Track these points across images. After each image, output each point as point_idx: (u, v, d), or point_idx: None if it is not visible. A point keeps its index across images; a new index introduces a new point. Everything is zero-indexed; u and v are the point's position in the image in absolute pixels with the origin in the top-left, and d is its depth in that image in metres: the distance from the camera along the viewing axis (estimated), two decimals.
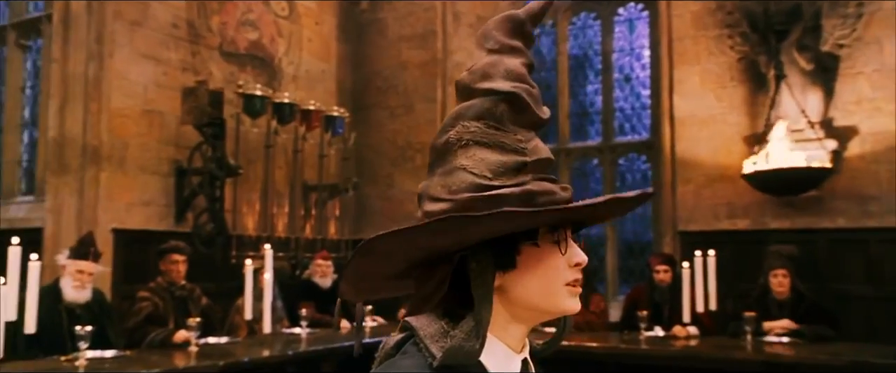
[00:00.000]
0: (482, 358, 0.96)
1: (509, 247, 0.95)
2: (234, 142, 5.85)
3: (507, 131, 0.95)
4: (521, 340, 1.01)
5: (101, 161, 5.33)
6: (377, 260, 0.96)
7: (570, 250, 0.97)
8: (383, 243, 0.92)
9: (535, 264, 0.96)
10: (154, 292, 4.42)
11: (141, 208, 5.58)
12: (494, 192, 0.91)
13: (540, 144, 0.96)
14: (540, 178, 0.94)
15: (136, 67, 5.60)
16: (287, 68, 6.97)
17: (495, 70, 0.97)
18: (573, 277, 0.97)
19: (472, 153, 0.94)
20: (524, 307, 0.98)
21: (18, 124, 6.09)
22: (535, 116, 0.98)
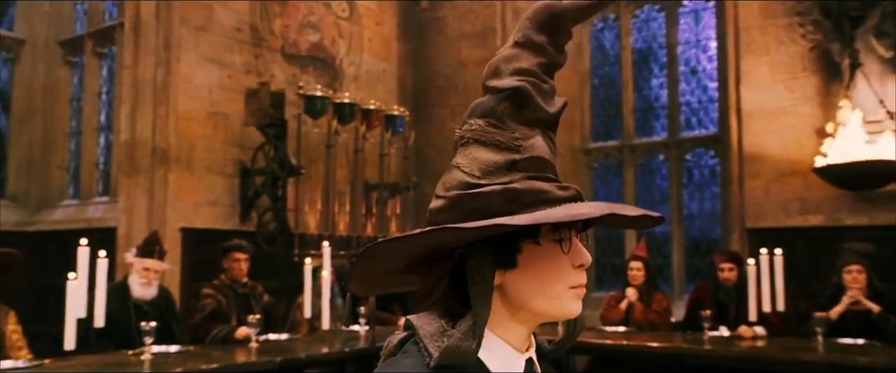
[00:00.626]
0: (484, 358, 0.95)
1: (510, 245, 0.95)
2: (295, 142, 5.98)
3: (505, 129, 0.94)
4: (526, 339, 1.00)
5: (169, 162, 5.54)
6: (379, 260, 0.97)
7: (574, 251, 0.96)
8: (382, 247, 0.94)
9: (537, 264, 0.94)
10: (217, 290, 4.56)
11: (207, 208, 5.76)
12: (477, 190, 0.91)
13: (538, 142, 0.94)
14: (532, 176, 0.93)
15: (202, 71, 5.79)
16: (348, 69, 7.08)
17: (507, 67, 0.97)
18: (576, 280, 0.95)
19: (469, 151, 0.95)
20: (524, 307, 0.97)
21: (96, 128, 6.39)
22: (541, 111, 0.96)
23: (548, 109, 0.96)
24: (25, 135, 6.41)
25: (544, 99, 0.96)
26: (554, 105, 0.98)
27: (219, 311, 4.46)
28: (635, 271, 5.13)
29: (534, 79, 0.96)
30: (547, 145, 0.96)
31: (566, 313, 0.97)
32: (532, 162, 0.94)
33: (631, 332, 4.91)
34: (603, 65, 7.55)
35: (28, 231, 6.23)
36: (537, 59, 0.98)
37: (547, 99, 0.97)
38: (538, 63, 0.97)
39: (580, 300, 0.98)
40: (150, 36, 5.60)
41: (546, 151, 0.95)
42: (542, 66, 0.97)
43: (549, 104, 0.97)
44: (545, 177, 0.95)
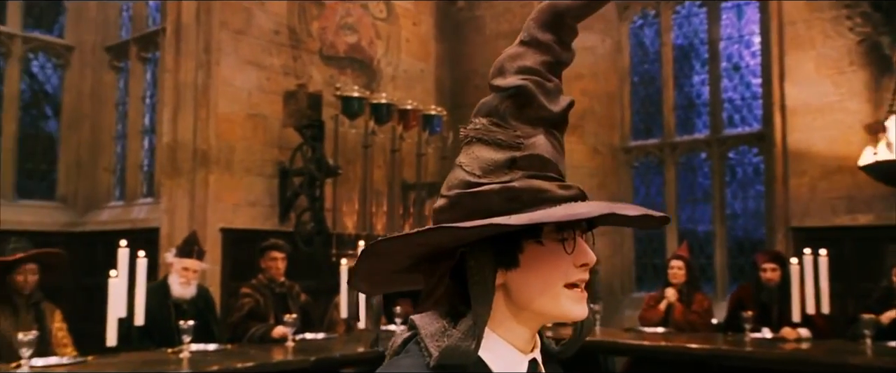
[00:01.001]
0: (486, 358, 0.95)
1: (512, 244, 0.94)
2: (333, 143, 6.04)
3: (507, 128, 0.94)
4: (529, 340, 0.99)
5: (209, 164, 5.64)
6: (381, 259, 0.97)
7: (578, 250, 0.94)
8: (383, 246, 0.93)
9: (538, 263, 0.93)
10: (255, 289, 4.62)
11: (247, 208, 5.85)
12: (476, 189, 0.91)
13: (540, 141, 0.94)
14: (532, 175, 0.92)
15: (241, 74, 5.88)
16: (385, 69, 7.12)
17: (511, 65, 0.97)
18: (577, 278, 0.94)
19: (472, 150, 0.95)
20: (527, 307, 0.96)
21: (140, 131, 6.55)
22: (544, 110, 0.95)
23: (551, 108, 0.95)
24: (74, 138, 6.60)
25: (548, 97, 0.95)
26: (558, 104, 0.97)
27: (257, 310, 4.52)
28: (675, 271, 5.04)
29: (537, 78, 0.95)
30: (550, 144, 0.95)
31: (568, 314, 0.95)
32: (532, 160, 0.93)
33: (670, 333, 4.83)
34: (643, 62, 7.44)
35: (76, 232, 6.42)
36: (542, 57, 0.97)
37: (551, 97, 0.96)
38: (543, 61, 0.97)
39: (583, 302, 0.96)
40: (191, 40, 5.72)
41: (548, 150, 0.94)
42: (548, 64, 0.97)
43: (552, 103, 0.96)
44: (546, 176, 0.94)
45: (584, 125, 7.18)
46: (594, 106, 7.24)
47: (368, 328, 5.09)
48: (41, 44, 6.50)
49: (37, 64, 6.52)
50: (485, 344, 0.95)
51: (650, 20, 7.39)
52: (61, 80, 6.62)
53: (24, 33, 6.33)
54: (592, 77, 7.26)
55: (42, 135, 6.58)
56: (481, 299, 0.92)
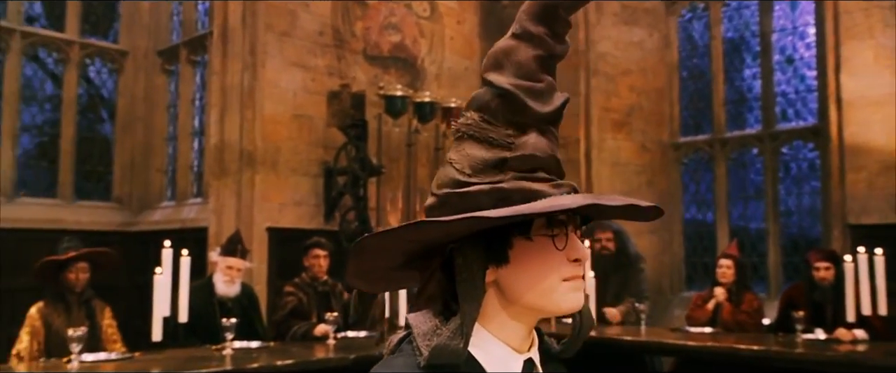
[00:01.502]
0: (479, 357, 0.94)
1: (501, 241, 0.92)
2: (376, 142, 6.08)
3: (498, 126, 0.92)
4: (524, 338, 0.97)
5: (256, 164, 5.74)
6: (373, 256, 0.97)
7: (570, 245, 0.93)
8: (371, 241, 0.93)
9: (529, 259, 0.92)
10: (298, 287, 4.68)
11: (293, 208, 5.94)
12: (466, 189, 0.90)
13: (532, 140, 0.92)
14: (523, 176, 0.91)
15: (286, 75, 5.97)
16: (430, 68, 7.13)
17: (506, 60, 0.95)
18: (570, 273, 0.92)
19: (463, 147, 0.94)
20: (520, 304, 0.94)
21: (190, 133, 6.71)
22: (534, 114, 0.93)
23: (541, 111, 0.93)
24: (128, 140, 6.80)
25: (538, 100, 0.93)
26: (550, 104, 0.95)
27: (299, 308, 4.58)
28: (724, 270, 4.92)
29: (526, 82, 0.93)
30: (544, 142, 0.94)
31: (562, 306, 0.94)
32: (524, 160, 0.91)
33: (718, 333, 4.71)
34: (692, 56, 7.28)
35: (131, 231, 6.61)
36: (535, 51, 0.95)
37: (541, 100, 0.94)
38: (536, 56, 0.95)
39: (579, 293, 0.95)
40: (237, 43, 5.82)
41: (540, 149, 0.92)
42: (540, 58, 0.95)
43: (544, 104, 0.94)
44: (537, 177, 0.92)
45: (631, 122, 7.07)
46: (642, 102, 7.12)
47: None
48: (97, 49, 6.72)
49: (93, 69, 6.74)
50: (478, 343, 0.94)
51: (699, 13, 7.22)
52: (116, 84, 6.83)
53: (81, 40, 6.55)
54: (640, 73, 7.14)
55: (98, 138, 6.80)
56: (469, 296, 0.91)
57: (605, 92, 7.09)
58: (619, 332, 5.06)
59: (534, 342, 1.00)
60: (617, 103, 7.14)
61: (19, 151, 6.18)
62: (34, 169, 6.28)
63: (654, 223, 6.84)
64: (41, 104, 6.47)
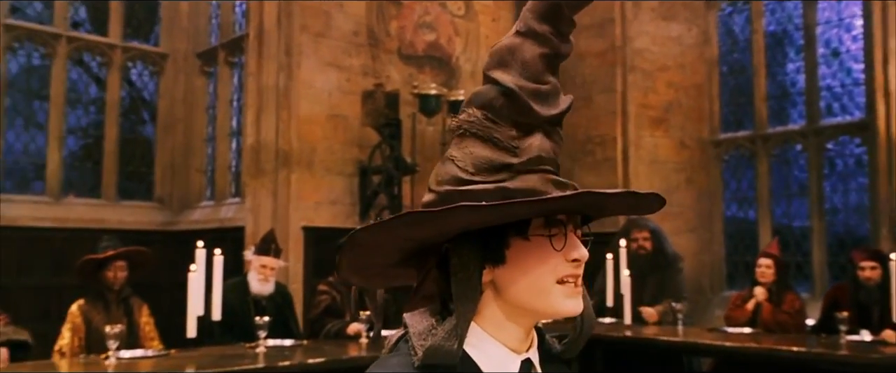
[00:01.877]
0: (475, 357, 0.93)
1: (498, 240, 0.91)
2: (411, 141, 6.09)
3: (502, 126, 0.91)
4: (523, 339, 0.96)
5: (291, 164, 5.80)
6: (368, 252, 0.96)
7: (568, 245, 0.91)
8: (365, 236, 0.92)
9: (525, 260, 0.91)
10: (332, 286, 4.71)
11: (328, 207, 5.99)
12: (468, 187, 0.89)
13: (536, 143, 0.91)
14: (527, 174, 0.89)
15: (321, 75, 6.02)
16: (464, 66, 7.11)
17: (511, 58, 0.93)
18: (568, 273, 0.91)
19: (465, 145, 0.92)
20: (516, 305, 0.93)
21: (228, 134, 6.82)
22: (538, 117, 0.92)
23: (545, 113, 0.92)
24: (169, 141, 6.94)
25: (542, 103, 0.92)
26: (555, 107, 0.94)
27: (333, 307, 4.61)
28: (763, 269, 4.80)
29: (532, 83, 0.92)
30: (549, 143, 0.93)
31: (559, 309, 0.92)
32: (531, 164, 0.90)
33: (757, 334, 4.60)
34: (732, 51, 7.12)
35: (171, 230, 6.74)
36: (540, 49, 0.94)
37: (546, 102, 0.93)
38: (541, 54, 0.93)
39: (576, 297, 0.93)
40: (272, 44, 5.89)
41: (545, 149, 0.92)
42: (545, 57, 0.93)
43: (547, 107, 0.93)
44: (542, 170, 0.91)
45: (669, 118, 6.95)
46: (680, 98, 7.00)
47: None
48: (139, 53, 6.87)
49: (135, 72, 6.90)
50: (475, 343, 0.93)
51: (740, 7, 7.06)
52: (157, 86, 6.97)
53: (123, 44, 6.71)
54: (678, 68, 7.02)
55: (140, 139, 6.96)
56: (464, 296, 0.90)
57: (643, 88, 6.98)
58: (656, 332, 4.99)
59: (533, 343, 0.99)
60: (655, 100, 7.03)
61: (65, 152, 6.35)
62: (80, 170, 6.45)
63: (693, 221, 6.71)
64: (86, 107, 6.65)
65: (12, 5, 6.22)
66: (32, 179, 6.14)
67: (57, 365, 3.55)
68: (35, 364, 3.50)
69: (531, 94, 0.90)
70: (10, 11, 6.15)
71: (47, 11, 6.36)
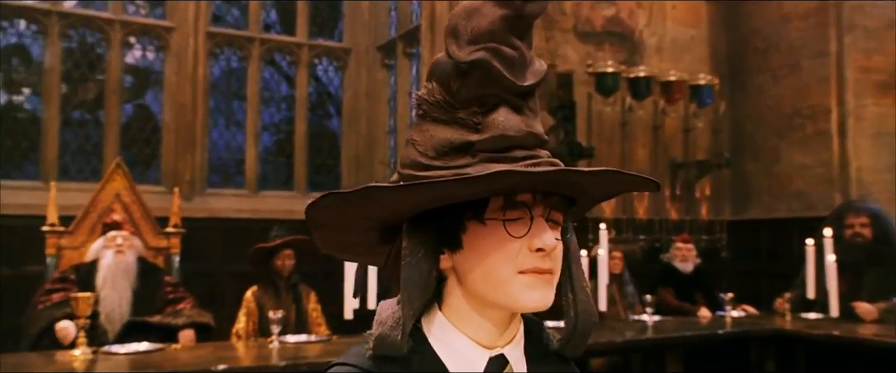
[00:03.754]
0: (439, 350, 0.88)
1: (455, 224, 0.86)
2: (586, 123, 5.90)
3: (462, 101, 0.84)
4: (493, 333, 0.89)
5: None
6: (339, 231, 0.93)
7: (533, 231, 0.83)
8: (320, 215, 0.89)
9: (481, 246, 0.85)
10: None
11: None
12: (426, 173, 0.84)
13: (501, 117, 0.83)
14: (492, 158, 0.82)
15: None
16: (649, 40, 6.76)
17: (468, 23, 0.85)
18: (530, 265, 0.84)
19: (426, 127, 0.88)
20: (475, 295, 0.87)
21: (408, 125, 7.06)
22: (507, 86, 0.83)
23: (516, 83, 0.84)
24: (353, 134, 7.33)
25: (507, 70, 0.83)
26: (522, 75, 0.85)
27: None
28: None
29: (495, 45, 0.83)
30: (516, 118, 0.84)
31: (520, 302, 0.85)
32: (494, 141, 0.83)
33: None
34: None
35: None
36: (501, 10, 0.84)
37: (511, 69, 0.84)
38: (502, 16, 0.84)
39: (542, 289, 0.85)
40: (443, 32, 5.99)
41: (511, 127, 0.84)
42: (508, 20, 0.84)
43: (514, 74, 0.84)
44: (510, 157, 0.83)
45: None
46: None
47: (620, 318, 4.92)
48: (324, 49, 7.33)
49: (321, 68, 7.37)
50: (438, 334, 0.88)
51: None
52: (341, 80, 7.39)
53: (309, 41, 7.18)
54: None
55: (327, 132, 7.42)
56: (410, 282, 0.85)
57: (864, 50, 6.19)
58: (875, 332, 4.41)
59: (513, 338, 0.91)
60: (881, 62, 6.20)
61: (261, 148, 6.95)
62: (274, 164, 7.03)
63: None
64: (278, 104, 7.22)
65: (214, 14, 6.91)
66: (234, 174, 6.78)
67: (234, 347, 3.90)
68: (216, 345, 3.86)
69: (498, 57, 0.83)
70: (212, 20, 6.84)
71: (243, 17, 6.98)
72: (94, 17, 6.34)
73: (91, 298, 3.33)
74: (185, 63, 6.45)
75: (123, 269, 3.90)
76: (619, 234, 5.88)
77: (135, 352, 3.39)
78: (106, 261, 3.89)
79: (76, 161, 6.20)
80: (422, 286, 0.85)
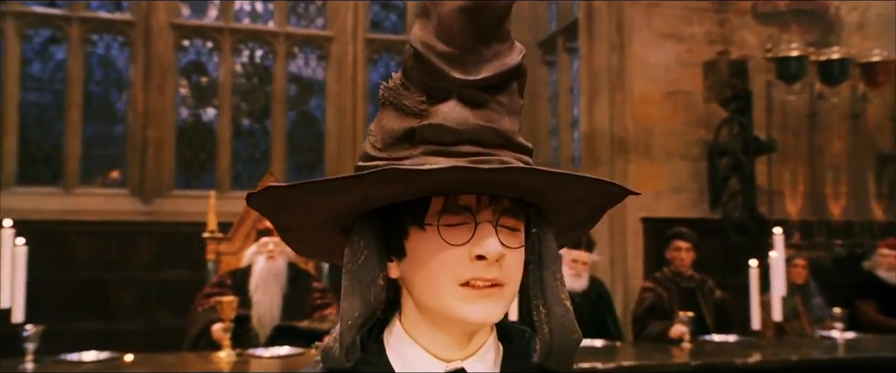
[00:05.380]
0: (393, 362, 0.85)
1: (397, 228, 0.83)
2: (766, 114, 5.47)
3: (413, 91, 0.81)
4: (451, 345, 0.84)
5: (628, 151, 5.67)
6: (307, 236, 0.92)
7: (476, 238, 0.79)
8: (278, 218, 0.88)
9: (422, 254, 0.81)
10: (659, 283, 4.50)
11: (670, 196, 5.70)
12: (370, 163, 0.81)
13: (445, 109, 0.79)
14: (437, 151, 0.78)
15: (656, 50, 5.76)
16: (848, 17, 6.16)
17: (434, 9, 0.81)
18: (470, 276, 0.78)
19: (383, 116, 0.85)
20: (421, 306, 0.83)
21: (569, 123, 6.92)
22: (450, 80, 0.79)
23: (456, 76, 0.78)
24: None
25: (453, 65, 0.78)
26: (473, 70, 0.79)
27: (658, 306, 4.38)
28: None
29: (442, 41, 0.78)
30: (465, 111, 0.79)
31: (463, 315, 0.79)
32: (434, 131, 0.78)
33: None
34: None
35: None
36: (459, 1, 0.78)
37: (458, 64, 0.78)
38: (459, 7, 0.78)
39: (485, 302, 0.79)
40: (603, 22, 5.84)
41: (455, 119, 0.78)
42: (465, 11, 0.78)
43: (463, 70, 0.79)
44: (455, 151, 0.78)
45: None
46: None
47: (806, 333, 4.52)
48: None
49: None
50: (395, 345, 0.85)
51: None
52: None
53: None
54: None
55: None
56: (348, 291, 0.82)
57: None
58: None
59: (479, 349, 0.85)
60: None
61: None
62: None
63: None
64: None
65: (372, 21, 7.21)
66: None
67: None
68: None
69: (439, 54, 0.78)
70: (370, 27, 7.14)
71: (400, 22, 7.22)
72: (261, 31, 6.85)
73: (234, 302, 3.57)
74: (345, 70, 6.78)
75: (274, 274, 4.13)
76: (808, 238, 5.39)
77: (276, 355, 3.59)
78: (258, 266, 4.15)
79: (246, 169, 6.72)
80: (361, 295, 0.80)
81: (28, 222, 5.56)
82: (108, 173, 6.66)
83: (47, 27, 6.54)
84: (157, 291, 6.08)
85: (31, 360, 3.48)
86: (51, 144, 6.46)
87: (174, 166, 6.55)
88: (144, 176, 6.38)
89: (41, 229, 5.80)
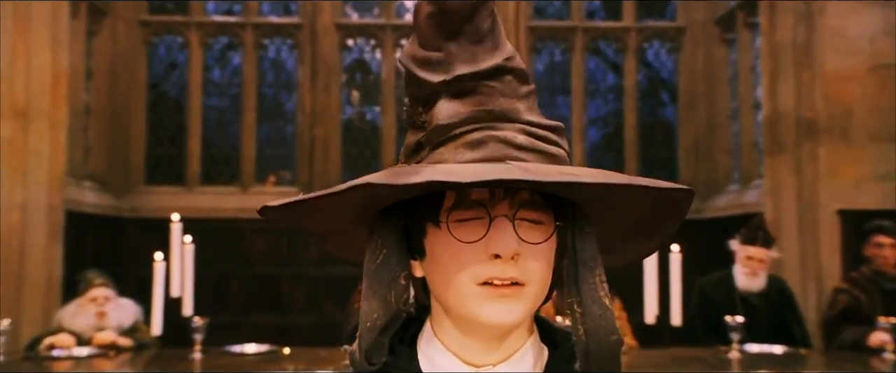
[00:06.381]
0: (425, 367, 0.85)
1: (417, 228, 0.83)
2: None
3: (412, 105, 0.86)
4: (480, 350, 0.82)
5: (818, 134, 5.17)
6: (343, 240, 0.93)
7: (490, 235, 0.77)
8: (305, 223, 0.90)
9: (440, 253, 0.81)
10: (855, 284, 4.05)
11: (874, 184, 5.11)
12: None
13: (435, 111, 0.81)
14: (435, 148, 0.81)
15: (856, 18, 5.20)
16: None
17: (414, 22, 0.83)
18: (487, 275, 0.77)
19: (406, 135, 0.89)
20: (445, 308, 0.83)
21: (751, 106, 6.39)
22: (430, 85, 0.81)
23: (433, 80, 0.81)
24: (691, 121, 6.89)
25: (430, 70, 0.81)
26: (449, 70, 0.80)
27: (854, 309, 3.94)
28: None
29: (420, 50, 0.82)
30: (456, 104, 0.81)
31: (481, 317, 0.78)
32: (433, 134, 0.81)
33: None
34: None
35: (699, 219, 6.62)
36: (428, 8, 0.80)
37: (434, 68, 0.81)
38: (428, 15, 0.80)
39: (501, 302, 0.77)
40: None
41: (447, 115, 0.81)
42: (432, 18, 0.80)
43: (437, 73, 0.81)
44: (457, 143, 0.80)
45: None
46: None
47: None
48: (654, 31, 7.03)
49: (651, 52, 7.08)
50: (426, 349, 0.85)
51: None
52: (675, 63, 7.02)
53: (637, 25, 6.95)
54: None
55: (660, 122, 7.10)
56: (368, 291, 0.82)
57: None
58: None
59: (514, 354, 0.82)
60: None
61: (587, 143, 6.91)
62: (602, 160, 6.92)
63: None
64: (604, 96, 7.12)
65: (535, 8, 7.07)
66: None
67: None
68: None
69: (418, 63, 0.82)
70: (533, 14, 7.01)
71: (565, 7, 7.03)
72: None
73: None
74: None
75: None
76: None
77: None
78: None
79: None
80: (381, 296, 0.80)
81: (208, 220, 6.02)
82: (279, 172, 7.03)
83: (225, 34, 7.00)
84: (325, 286, 6.33)
85: (199, 350, 3.71)
86: (229, 145, 6.91)
87: (340, 164, 6.79)
88: (313, 174, 6.66)
89: (220, 227, 6.25)
